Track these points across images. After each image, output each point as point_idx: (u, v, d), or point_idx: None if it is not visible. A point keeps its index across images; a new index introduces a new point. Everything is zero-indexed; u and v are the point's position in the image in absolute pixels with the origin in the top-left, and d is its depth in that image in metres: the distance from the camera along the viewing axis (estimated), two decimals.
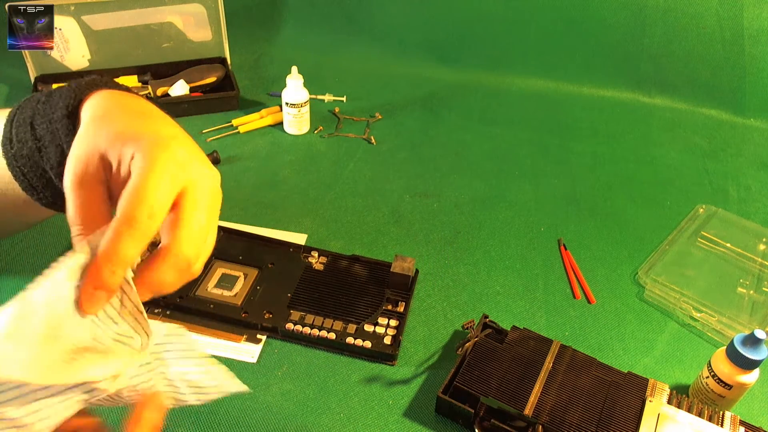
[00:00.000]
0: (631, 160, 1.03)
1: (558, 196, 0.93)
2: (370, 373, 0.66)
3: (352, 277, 0.74)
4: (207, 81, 1.07)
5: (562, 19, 1.17)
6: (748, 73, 1.13)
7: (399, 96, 1.15)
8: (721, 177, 1.00)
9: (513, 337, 0.64)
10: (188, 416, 0.60)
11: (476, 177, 0.96)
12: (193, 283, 0.72)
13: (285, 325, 0.68)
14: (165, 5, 1.04)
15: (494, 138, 1.06)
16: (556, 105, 1.16)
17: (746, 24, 1.10)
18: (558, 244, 0.84)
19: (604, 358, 0.64)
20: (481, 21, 1.20)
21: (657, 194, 0.95)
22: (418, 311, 0.73)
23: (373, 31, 1.25)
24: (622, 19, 1.15)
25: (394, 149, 1.01)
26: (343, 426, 0.61)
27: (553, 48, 1.20)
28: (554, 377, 0.60)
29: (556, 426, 0.56)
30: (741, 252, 0.83)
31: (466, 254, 0.82)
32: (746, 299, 0.77)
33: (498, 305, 0.75)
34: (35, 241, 0.78)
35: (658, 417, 0.57)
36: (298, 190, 0.90)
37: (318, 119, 1.06)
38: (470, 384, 0.59)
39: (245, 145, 0.99)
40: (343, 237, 0.83)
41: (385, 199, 0.90)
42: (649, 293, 0.78)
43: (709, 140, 1.09)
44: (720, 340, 0.72)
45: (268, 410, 0.61)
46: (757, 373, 0.59)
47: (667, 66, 1.17)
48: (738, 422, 0.57)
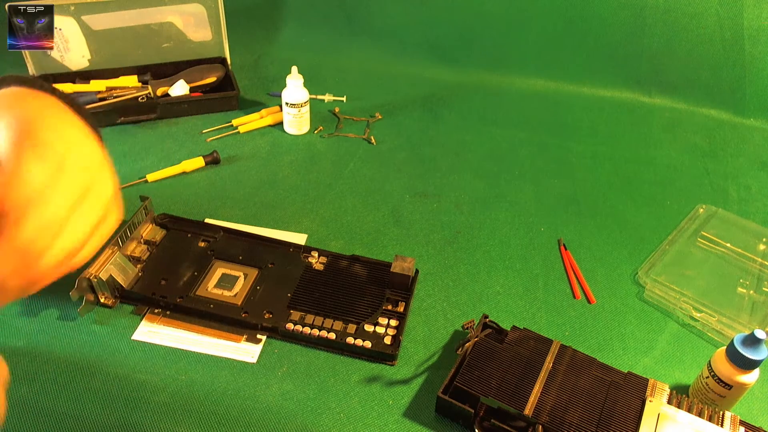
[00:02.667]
0: (631, 160, 1.03)
1: (558, 196, 0.93)
2: (370, 373, 0.66)
3: (352, 277, 0.74)
4: (207, 81, 1.07)
5: (562, 19, 1.17)
6: (748, 73, 1.13)
7: (399, 96, 1.15)
8: (721, 177, 1.00)
9: (513, 337, 0.64)
10: (188, 416, 0.60)
11: (476, 177, 0.96)
12: (193, 283, 0.72)
13: (285, 325, 0.68)
14: (165, 5, 1.04)
15: (494, 138, 1.06)
16: (556, 105, 1.16)
17: (746, 24, 1.10)
18: (558, 244, 0.84)
19: (604, 358, 0.64)
20: (481, 21, 1.20)
21: (657, 194, 0.95)
22: (418, 311, 0.73)
23: (373, 31, 1.25)
24: (622, 19, 1.15)
25: (394, 149, 1.01)
26: (343, 426, 0.61)
27: (553, 48, 1.20)
28: (554, 377, 0.60)
29: (556, 426, 0.56)
30: (741, 252, 0.83)
31: (466, 254, 0.82)
32: (746, 299, 0.77)
33: (498, 305, 0.75)
34: None
35: (658, 417, 0.57)
36: (298, 190, 0.90)
37: (318, 119, 1.06)
38: (470, 384, 0.59)
39: (245, 145, 0.99)
40: (343, 237, 0.83)
41: (385, 199, 0.90)
42: (649, 293, 0.78)
43: (709, 140, 1.09)
44: (720, 340, 0.72)
45: (268, 410, 0.61)
46: (757, 373, 0.59)
47: (667, 66, 1.17)
48: (738, 422, 0.57)
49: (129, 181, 0.88)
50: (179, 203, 0.86)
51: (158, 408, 0.61)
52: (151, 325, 0.69)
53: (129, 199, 0.86)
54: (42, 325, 0.68)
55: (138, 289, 0.71)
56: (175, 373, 0.64)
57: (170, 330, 0.68)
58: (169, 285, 0.72)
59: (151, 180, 0.89)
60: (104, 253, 0.69)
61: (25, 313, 0.69)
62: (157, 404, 0.61)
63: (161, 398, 0.62)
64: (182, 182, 0.90)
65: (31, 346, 0.66)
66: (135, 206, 0.77)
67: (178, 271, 0.74)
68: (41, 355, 0.65)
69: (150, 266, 0.74)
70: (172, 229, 0.79)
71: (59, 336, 0.67)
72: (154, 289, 0.71)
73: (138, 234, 0.76)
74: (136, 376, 0.64)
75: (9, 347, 0.65)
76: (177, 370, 0.65)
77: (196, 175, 0.92)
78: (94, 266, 0.68)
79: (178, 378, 0.64)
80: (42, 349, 0.65)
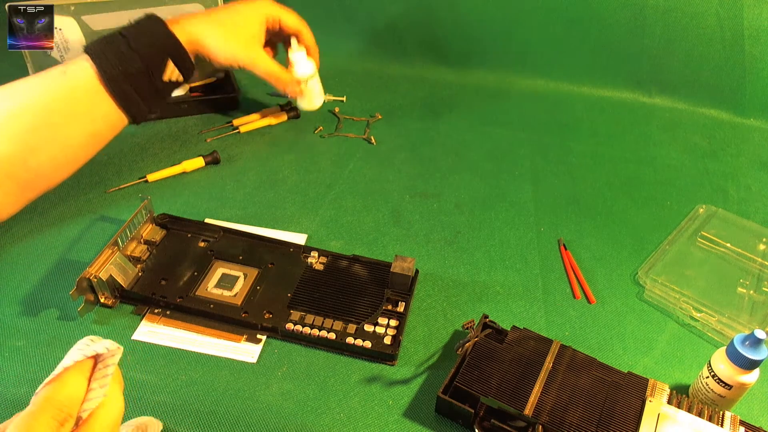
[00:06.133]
0: (631, 160, 1.03)
1: (558, 196, 0.93)
2: (370, 373, 0.66)
3: (352, 277, 0.74)
4: (207, 81, 1.07)
5: (562, 19, 1.17)
6: (748, 73, 1.13)
7: (399, 96, 1.15)
8: (721, 177, 1.00)
9: (513, 337, 0.64)
10: (188, 416, 0.60)
11: (476, 177, 0.96)
12: (193, 283, 0.72)
13: (285, 325, 0.68)
14: (165, 5, 1.04)
15: (494, 138, 1.06)
16: (556, 105, 1.16)
17: (746, 24, 1.10)
18: (558, 244, 0.84)
19: (604, 358, 0.64)
20: (481, 21, 1.20)
21: (657, 194, 0.95)
22: (418, 311, 0.73)
23: (373, 31, 1.25)
24: (622, 19, 1.15)
25: (394, 149, 1.01)
26: (343, 426, 0.61)
27: (553, 48, 1.20)
28: (554, 377, 0.60)
29: (556, 426, 0.56)
30: (741, 252, 0.83)
31: (466, 254, 0.82)
32: (746, 299, 0.77)
33: (498, 305, 0.75)
34: (37, 238, 0.78)
35: (658, 417, 0.57)
36: (298, 190, 0.90)
37: (318, 119, 1.06)
38: (470, 384, 0.59)
39: (245, 145, 0.99)
40: (343, 237, 0.83)
41: (385, 199, 0.90)
42: (649, 293, 0.78)
43: (709, 140, 1.09)
44: (720, 340, 0.72)
45: (268, 410, 0.61)
46: (757, 373, 0.59)
47: (667, 66, 1.16)
48: (738, 422, 0.57)
49: (129, 181, 0.88)
50: (179, 203, 0.86)
51: (158, 408, 0.61)
52: (151, 325, 0.69)
53: (129, 199, 0.86)
54: (42, 325, 0.68)
55: (138, 289, 0.71)
56: (175, 373, 0.64)
57: (170, 330, 0.68)
58: (169, 285, 0.72)
59: (151, 180, 0.89)
60: (104, 253, 0.69)
61: (25, 313, 0.69)
62: (157, 404, 0.61)
63: (161, 398, 0.62)
64: (182, 182, 0.90)
65: (31, 346, 0.66)
66: (135, 206, 0.78)
67: (178, 271, 0.74)
68: (41, 355, 0.65)
69: (150, 266, 0.74)
70: (172, 229, 0.79)
71: (59, 336, 0.67)
72: (154, 289, 0.71)
73: (138, 234, 0.76)
74: (136, 375, 0.64)
75: (9, 347, 0.66)
76: (177, 370, 0.65)
77: (196, 175, 0.92)
78: (94, 266, 0.68)
79: (178, 378, 0.64)
80: (42, 349, 0.66)
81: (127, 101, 0.70)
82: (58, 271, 0.74)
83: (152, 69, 0.71)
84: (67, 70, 0.68)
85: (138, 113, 0.73)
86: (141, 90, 0.71)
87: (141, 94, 0.71)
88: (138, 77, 0.70)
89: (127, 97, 0.70)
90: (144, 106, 0.73)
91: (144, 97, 0.72)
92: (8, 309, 0.69)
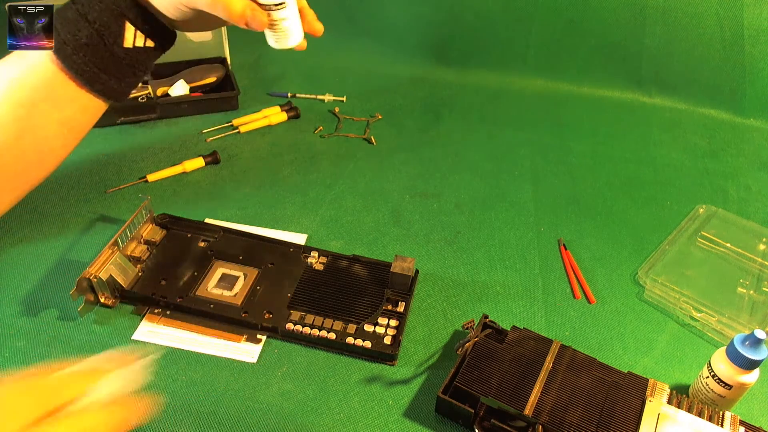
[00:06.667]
0: (631, 160, 1.03)
1: (558, 196, 0.93)
2: (370, 373, 0.66)
3: (352, 277, 0.74)
4: (207, 81, 1.07)
5: (562, 19, 1.17)
6: (748, 73, 1.13)
7: (399, 96, 1.15)
8: (721, 177, 1.00)
9: (513, 337, 0.64)
10: (188, 416, 0.60)
11: (476, 177, 0.96)
12: (193, 283, 0.72)
13: (285, 325, 0.68)
14: None
15: (494, 138, 1.06)
16: (556, 105, 1.16)
17: (746, 24, 1.10)
18: (558, 244, 0.84)
19: (604, 358, 0.64)
20: (481, 21, 1.20)
21: (657, 194, 0.95)
22: (418, 311, 0.73)
23: (373, 31, 1.25)
24: (622, 19, 1.15)
25: (394, 149, 1.01)
26: (343, 426, 0.61)
27: (553, 48, 1.20)
28: (554, 377, 0.60)
29: (556, 426, 0.56)
30: (741, 252, 0.83)
31: (466, 254, 0.82)
32: (746, 299, 0.77)
33: (498, 305, 0.75)
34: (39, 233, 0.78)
35: (658, 417, 0.57)
36: (298, 190, 0.90)
37: (318, 119, 1.06)
38: (470, 384, 0.59)
39: (245, 145, 0.99)
40: (343, 237, 0.83)
41: (385, 199, 0.90)
42: (649, 293, 0.78)
43: (709, 140, 1.09)
44: (720, 340, 0.72)
45: (268, 410, 0.61)
46: (757, 373, 0.59)
47: (667, 66, 1.17)
48: (738, 422, 0.57)
49: (129, 181, 0.88)
50: (179, 203, 0.86)
51: (158, 408, 0.61)
52: (151, 325, 0.69)
53: (129, 199, 0.86)
54: (42, 325, 0.68)
55: (138, 289, 0.71)
56: (175, 373, 0.64)
57: (170, 330, 0.68)
58: (169, 285, 0.72)
59: (151, 180, 0.89)
60: (104, 253, 0.69)
61: (25, 313, 0.69)
62: (157, 404, 0.61)
63: (161, 398, 0.62)
64: (182, 182, 0.90)
65: (31, 346, 0.66)
66: (135, 206, 0.78)
67: (178, 271, 0.74)
68: (41, 355, 0.65)
69: (150, 266, 0.74)
70: (172, 229, 0.79)
71: (59, 336, 0.67)
72: (154, 289, 0.71)
73: (138, 234, 0.76)
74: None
75: (9, 347, 0.65)
76: (177, 370, 0.65)
77: (196, 175, 0.92)
78: (94, 266, 0.68)
79: (178, 378, 0.64)
80: (42, 349, 0.66)
81: (86, 76, 0.59)
82: (58, 271, 0.74)
83: (104, 34, 0.59)
84: (26, 53, 0.60)
85: (106, 89, 0.61)
86: (97, 60, 0.59)
87: (98, 65, 0.59)
88: (91, 47, 0.59)
89: (83, 71, 0.59)
90: (108, 79, 0.61)
91: (103, 68, 0.60)
92: (8, 309, 0.69)
